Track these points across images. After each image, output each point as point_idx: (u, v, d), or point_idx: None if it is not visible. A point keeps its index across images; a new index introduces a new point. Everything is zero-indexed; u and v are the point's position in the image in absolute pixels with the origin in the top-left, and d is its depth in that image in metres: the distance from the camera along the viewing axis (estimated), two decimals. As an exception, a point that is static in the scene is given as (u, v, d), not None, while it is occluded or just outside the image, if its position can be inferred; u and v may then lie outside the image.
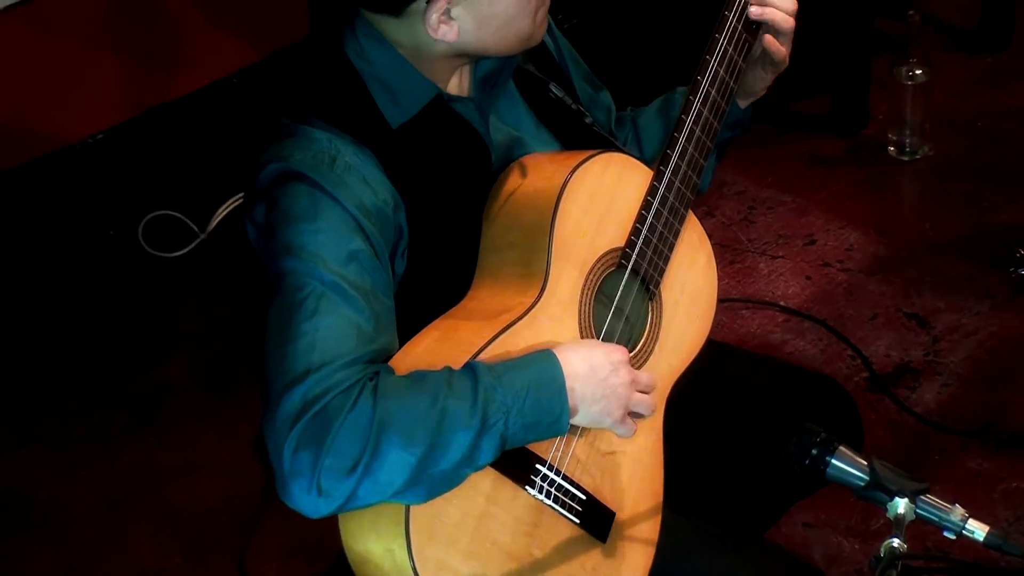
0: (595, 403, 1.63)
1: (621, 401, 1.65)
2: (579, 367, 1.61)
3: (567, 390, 1.60)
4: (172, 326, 3.17)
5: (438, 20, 1.63)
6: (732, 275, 3.09)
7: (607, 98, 2.00)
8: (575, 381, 1.61)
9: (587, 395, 1.62)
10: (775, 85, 1.92)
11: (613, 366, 1.64)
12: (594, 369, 1.62)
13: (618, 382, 1.64)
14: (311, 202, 1.60)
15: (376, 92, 1.67)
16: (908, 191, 3.28)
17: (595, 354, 1.64)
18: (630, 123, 2.00)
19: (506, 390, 1.56)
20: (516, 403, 1.56)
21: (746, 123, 1.95)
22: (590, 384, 1.62)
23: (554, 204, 1.66)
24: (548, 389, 1.59)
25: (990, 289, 2.95)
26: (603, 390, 1.63)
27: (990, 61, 3.55)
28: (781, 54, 1.82)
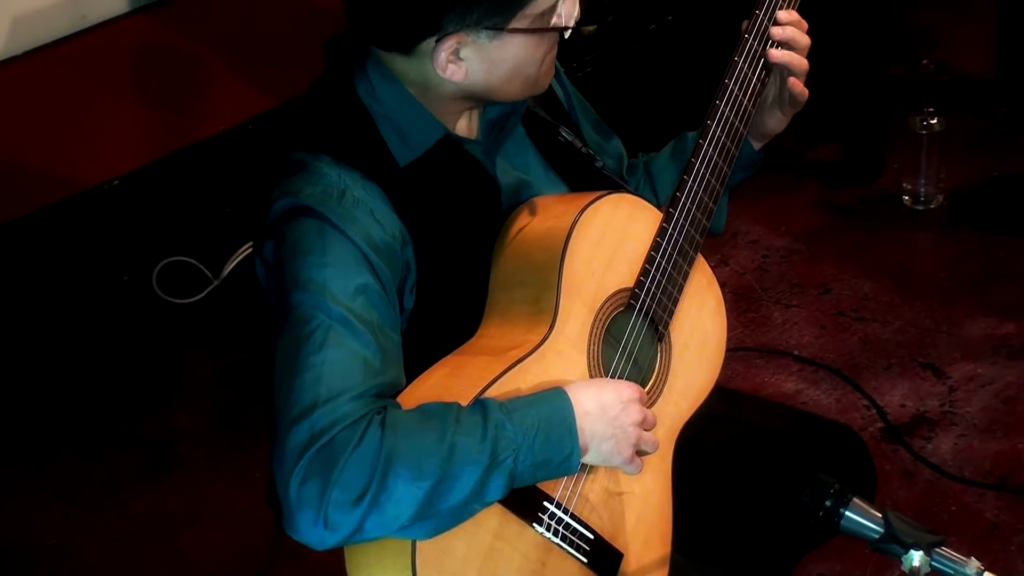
0: (605, 441, 1.62)
1: (630, 440, 1.64)
2: (590, 405, 1.61)
3: (577, 428, 1.59)
4: (184, 372, 3.17)
5: (447, 59, 1.64)
6: (746, 324, 3.09)
7: (618, 145, 2.01)
8: (585, 419, 1.60)
9: (597, 433, 1.61)
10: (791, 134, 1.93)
11: (623, 404, 1.63)
12: (604, 408, 1.62)
13: (628, 421, 1.63)
14: (319, 236, 1.60)
15: (385, 130, 1.68)
16: (923, 240, 3.27)
17: (605, 392, 1.63)
18: (642, 169, 2.00)
19: (516, 427, 1.55)
20: (526, 440, 1.55)
21: (758, 164, 1.95)
22: (600, 422, 1.61)
23: (564, 242, 1.66)
24: (559, 427, 1.58)
25: (1006, 339, 2.93)
26: (613, 429, 1.62)
27: (1005, 111, 3.55)
28: (805, 95, 1.83)
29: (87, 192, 3.16)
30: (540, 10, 1.64)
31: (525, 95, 1.73)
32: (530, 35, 1.64)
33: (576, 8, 1.69)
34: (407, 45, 1.64)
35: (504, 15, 1.61)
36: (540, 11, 1.64)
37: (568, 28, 1.70)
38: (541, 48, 1.68)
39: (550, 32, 1.67)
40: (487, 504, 1.55)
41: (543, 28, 1.66)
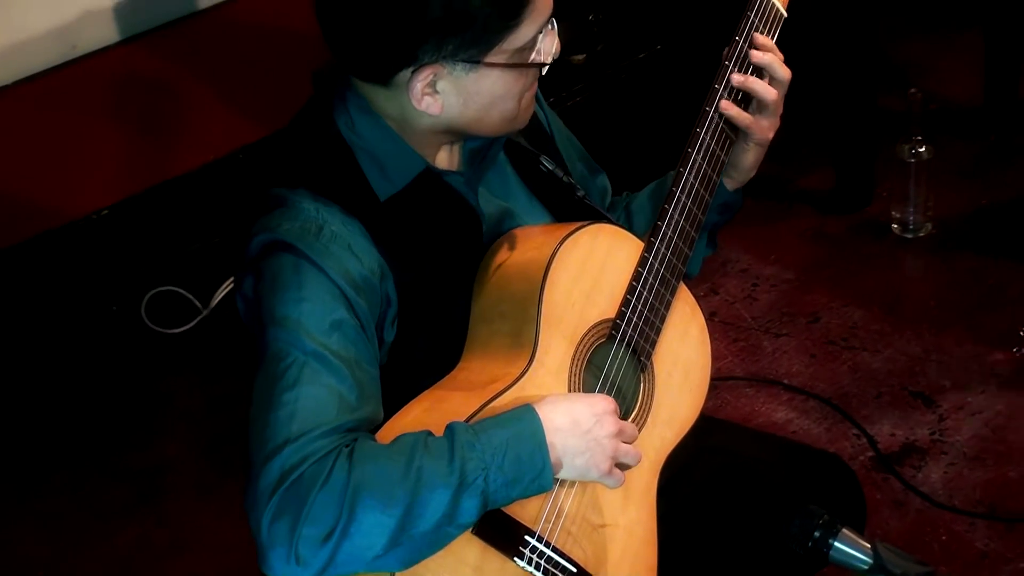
0: (578, 455, 1.61)
1: (607, 453, 1.62)
2: (559, 420, 1.59)
3: (548, 444, 1.58)
4: (173, 402, 3.16)
5: (422, 91, 1.63)
6: (736, 353, 3.08)
7: (604, 181, 2.00)
8: (555, 435, 1.59)
9: (569, 448, 1.60)
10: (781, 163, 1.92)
11: (597, 417, 1.62)
12: (576, 422, 1.60)
13: (602, 434, 1.62)
14: (296, 272, 1.60)
15: (365, 164, 1.68)
16: (912, 269, 3.28)
17: (577, 407, 1.62)
18: (623, 208, 2.00)
19: (484, 446, 1.54)
20: (495, 459, 1.54)
21: (736, 208, 1.94)
22: (572, 437, 1.60)
23: (543, 274, 1.66)
24: (528, 444, 1.57)
25: (995, 367, 2.93)
26: (586, 442, 1.61)
27: (993, 138, 3.56)
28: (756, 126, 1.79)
29: (76, 222, 3.15)
30: (518, 45, 1.63)
31: (504, 131, 1.73)
32: (508, 70, 1.64)
33: (556, 44, 1.69)
34: (384, 76, 1.64)
35: (480, 48, 1.61)
36: (518, 46, 1.64)
37: (546, 65, 1.69)
38: (519, 83, 1.67)
39: (528, 68, 1.67)
40: (463, 527, 1.54)
41: (521, 64, 1.65)
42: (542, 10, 1.64)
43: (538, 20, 1.64)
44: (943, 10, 3.99)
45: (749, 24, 1.80)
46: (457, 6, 1.57)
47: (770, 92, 1.79)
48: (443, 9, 1.57)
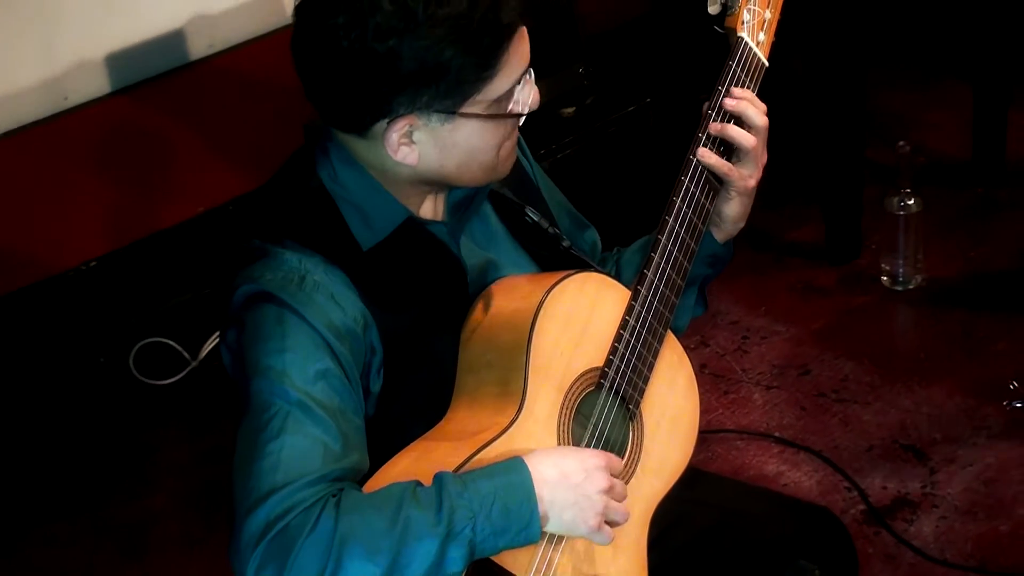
0: (566, 509, 1.59)
1: (596, 508, 1.61)
2: (549, 473, 1.58)
3: (536, 496, 1.57)
4: (160, 454, 3.14)
5: (398, 142, 1.63)
6: (727, 405, 3.07)
7: (593, 236, 2.00)
8: (544, 487, 1.57)
9: (557, 501, 1.59)
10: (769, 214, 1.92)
11: (587, 472, 1.61)
12: (565, 475, 1.59)
13: (592, 489, 1.61)
14: (279, 322, 1.60)
15: (348, 214, 1.68)
16: (902, 321, 3.28)
17: (567, 460, 1.61)
18: (613, 263, 1.99)
19: (472, 496, 1.53)
20: (483, 509, 1.53)
21: (725, 261, 1.93)
22: (560, 490, 1.59)
23: (531, 323, 1.65)
24: (516, 495, 1.56)
25: (986, 420, 2.92)
26: (575, 496, 1.60)
27: (982, 191, 3.58)
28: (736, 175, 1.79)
29: (64, 273, 3.14)
30: (495, 96, 1.63)
31: (484, 181, 1.73)
32: (484, 120, 1.64)
33: (534, 94, 1.69)
34: (360, 127, 1.64)
35: (455, 99, 1.61)
36: (495, 97, 1.63)
37: (523, 115, 1.69)
38: (497, 134, 1.67)
39: (505, 118, 1.66)
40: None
41: (497, 115, 1.65)
42: (518, 61, 1.64)
43: (514, 71, 1.64)
44: (931, 63, 4.02)
45: (730, 74, 1.81)
46: (430, 59, 1.57)
47: (748, 139, 1.79)
48: (416, 62, 1.57)
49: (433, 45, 1.57)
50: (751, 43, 1.84)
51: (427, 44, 1.56)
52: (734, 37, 1.84)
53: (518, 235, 1.84)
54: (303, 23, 1.62)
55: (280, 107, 3.29)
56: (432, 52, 1.57)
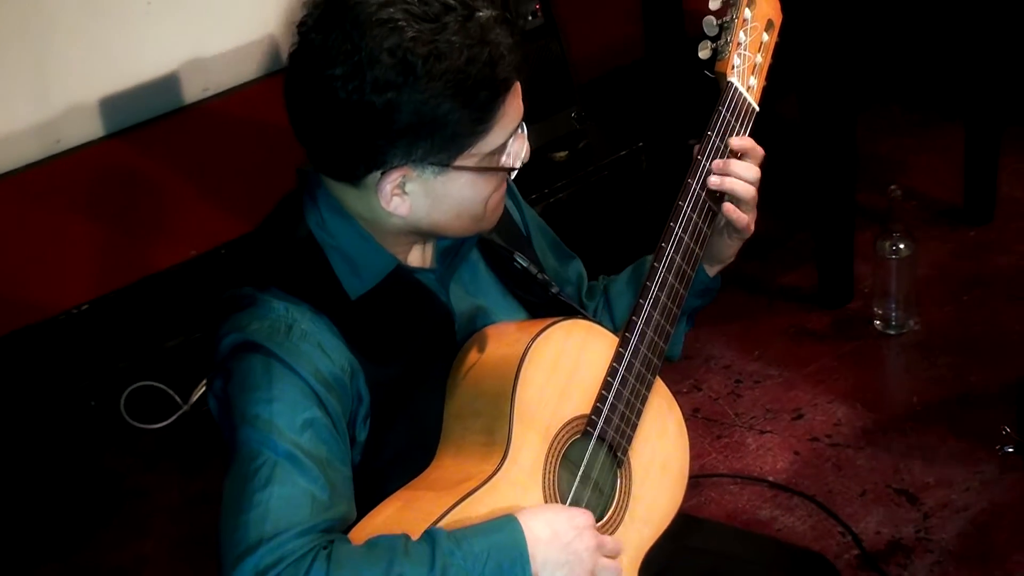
0: (558, 568, 1.59)
1: (586, 566, 1.61)
2: (541, 532, 1.58)
3: (529, 555, 1.56)
4: (152, 498, 3.12)
5: (391, 192, 1.64)
6: (720, 450, 3.07)
7: (578, 267, 2.01)
8: (537, 546, 1.57)
9: (550, 560, 1.58)
10: (762, 259, 1.93)
11: (577, 531, 1.61)
12: (557, 534, 1.59)
13: (582, 547, 1.61)
14: (266, 371, 1.59)
15: (336, 263, 1.68)
16: (895, 365, 3.28)
17: (559, 519, 1.61)
18: (601, 293, 2.01)
19: (465, 555, 1.53)
20: (476, 568, 1.53)
21: (715, 291, 1.95)
22: (553, 549, 1.59)
23: (516, 371, 1.65)
24: (509, 554, 1.55)
25: (979, 464, 2.92)
26: (566, 555, 1.59)
27: (973, 234, 3.58)
28: (743, 222, 1.83)
29: (56, 317, 3.14)
30: (488, 149, 1.64)
31: (472, 232, 1.73)
32: (477, 173, 1.65)
33: (525, 148, 1.70)
34: (352, 176, 1.64)
35: (450, 152, 1.62)
36: (488, 150, 1.64)
37: (515, 169, 1.70)
38: (488, 187, 1.68)
39: (497, 172, 1.67)
40: None
41: (489, 168, 1.66)
42: (512, 116, 1.65)
43: (508, 125, 1.65)
44: (922, 107, 4.03)
45: (720, 119, 1.82)
46: (427, 112, 1.58)
47: (749, 190, 1.81)
48: (413, 115, 1.58)
49: (431, 99, 1.57)
50: (741, 88, 1.85)
51: (425, 98, 1.57)
52: (724, 82, 1.85)
53: (507, 281, 1.84)
54: (298, 71, 1.62)
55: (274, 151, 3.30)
56: (429, 106, 1.57)
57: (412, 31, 1.55)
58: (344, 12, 1.57)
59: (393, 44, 1.55)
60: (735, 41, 1.85)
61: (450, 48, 1.56)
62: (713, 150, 1.81)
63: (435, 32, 1.56)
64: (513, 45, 1.61)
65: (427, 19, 1.56)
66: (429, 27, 1.56)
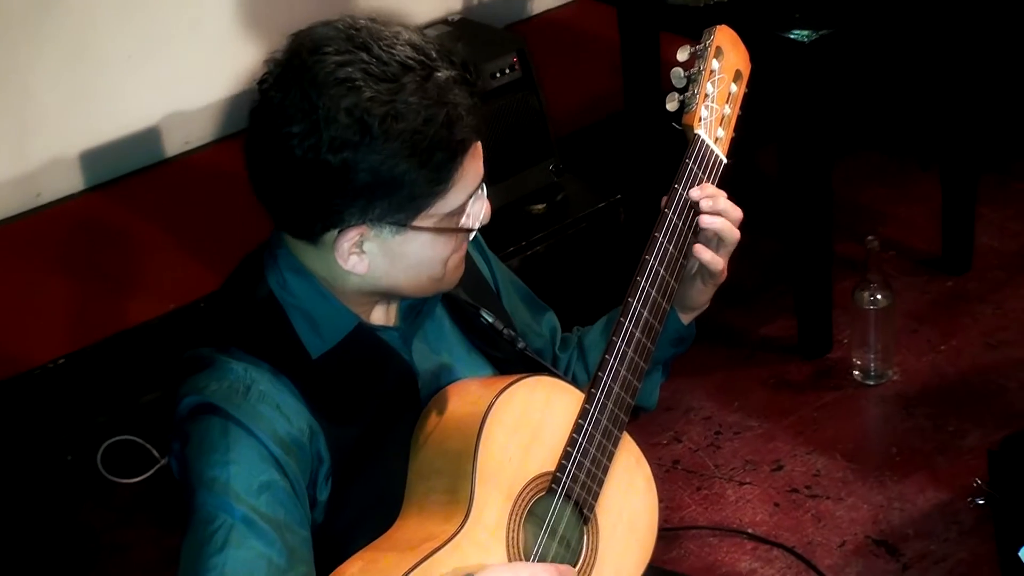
0: None
1: None
2: None
3: None
4: (130, 553, 3.10)
5: (349, 251, 1.64)
6: (699, 501, 3.06)
7: (551, 319, 2.01)
8: None
9: None
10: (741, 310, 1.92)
11: None
12: None
13: None
14: (223, 434, 1.59)
15: (297, 322, 1.67)
16: (874, 415, 3.28)
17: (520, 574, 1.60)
18: (575, 345, 2.00)
19: None
20: None
21: (689, 340, 1.94)
22: None
23: (478, 430, 1.65)
24: None
25: (958, 515, 2.91)
26: None
27: (951, 284, 3.59)
28: (718, 265, 1.82)
29: (31, 372, 3.13)
30: (447, 210, 1.64)
31: (431, 292, 1.73)
32: (435, 233, 1.65)
33: (486, 208, 1.70)
34: (310, 234, 1.65)
35: (407, 212, 1.62)
36: (447, 211, 1.64)
37: (474, 230, 1.70)
38: (447, 247, 1.68)
39: (456, 232, 1.67)
40: None
41: (448, 228, 1.66)
42: (472, 177, 1.65)
43: (467, 186, 1.65)
44: (900, 156, 4.06)
45: (687, 172, 1.81)
46: (385, 172, 1.58)
47: (734, 231, 1.81)
48: (370, 175, 1.58)
49: (387, 159, 1.57)
50: (708, 140, 1.84)
51: (381, 158, 1.57)
52: (691, 134, 1.83)
53: (473, 337, 1.84)
54: (257, 128, 1.63)
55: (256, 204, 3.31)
56: (386, 166, 1.57)
57: (370, 91, 1.56)
58: (303, 71, 1.57)
59: (350, 104, 1.55)
60: (702, 93, 1.83)
61: (407, 108, 1.56)
62: (681, 203, 1.80)
63: (393, 92, 1.56)
64: (472, 106, 1.61)
65: (385, 79, 1.56)
66: (387, 87, 1.56)
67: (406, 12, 3.76)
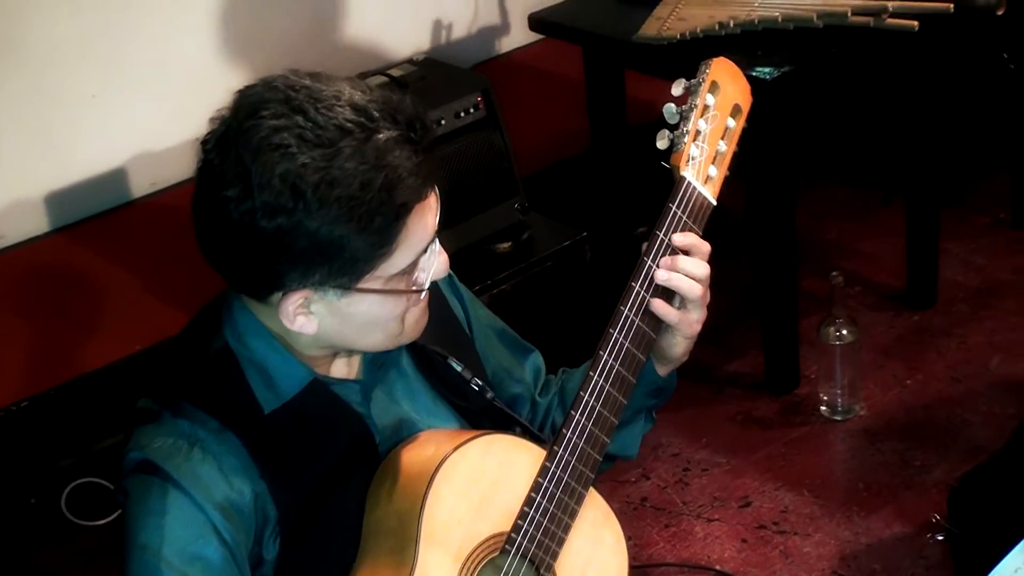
0: None
1: None
2: None
3: None
4: (94, 598, 3.07)
5: (295, 312, 1.60)
6: (667, 539, 3.05)
7: (536, 361, 1.96)
8: None
9: None
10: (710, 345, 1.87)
11: None
12: None
13: None
14: (161, 497, 1.57)
15: (251, 376, 1.64)
16: (841, 451, 3.28)
17: None
18: (556, 389, 1.96)
19: None
20: None
21: (668, 391, 1.89)
22: None
23: (424, 490, 1.61)
24: None
25: (924, 550, 2.91)
26: None
27: (917, 319, 3.61)
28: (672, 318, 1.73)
29: (-6, 415, 3.11)
30: (394, 271, 1.60)
31: (389, 347, 1.69)
32: (384, 294, 1.61)
33: (439, 263, 1.64)
34: (255, 295, 1.62)
35: (350, 276, 1.58)
36: (394, 271, 1.60)
37: (424, 289, 1.64)
38: (399, 305, 1.63)
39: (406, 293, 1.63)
40: None
41: (397, 290, 1.61)
42: (420, 236, 1.59)
43: (415, 247, 1.59)
44: (864, 190, 4.08)
45: (671, 216, 1.72)
46: (322, 238, 1.53)
47: (695, 289, 1.72)
48: (307, 240, 1.53)
49: (323, 225, 1.53)
50: (695, 182, 1.74)
51: (317, 224, 1.52)
52: (677, 175, 1.74)
53: (439, 387, 1.79)
54: (199, 189, 1.59)
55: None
56: (323, 232, 1.53)
57: (304, 157, 1.51)
58: (239, 134, 1.53)
59: (284, 170, 1.51)
60: (692, 131, 1.74)
61: (343, 174, 1.51)
62: (661, 250, 1.71)
63: (328, 158, 1.51)
64: (416, 166, 1.55)
65: (321, 144, 1.51)
66: (322, 152, 1.51)
67: (373, 51, 3.77)
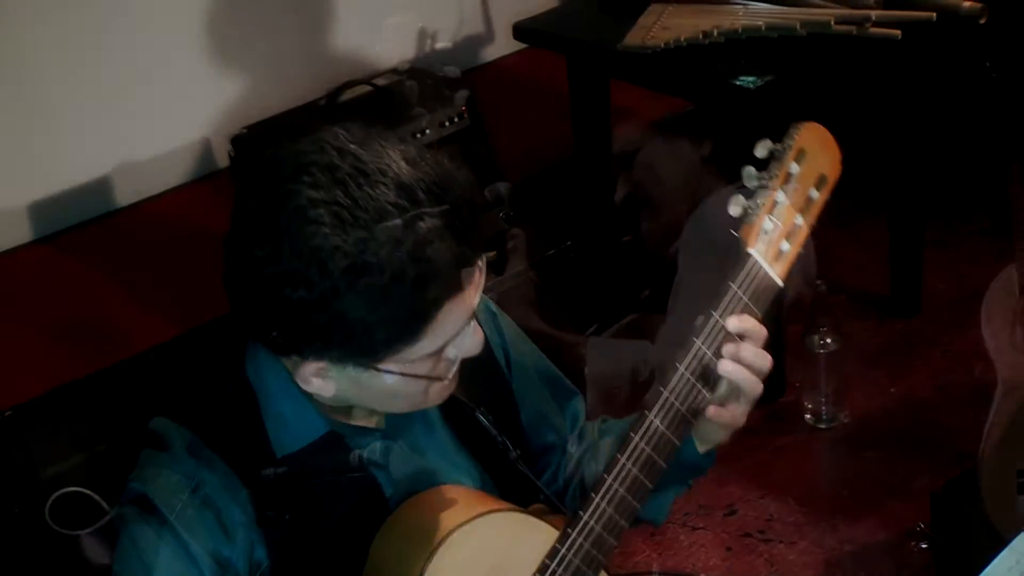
0: None
1: None
2: None
3: None
4: (78, 608, 3.06)
5: (311, 375, 1.53)
6: (653, 547, 3.06)
7: (576, 407, 1.86)
8: None
9: None
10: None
11: None
12: None
13: None
14: (155, 538, 1.55)
15: (267, 417, 1.59)
16: (826, 459, 3.29)
17: None
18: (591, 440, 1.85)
19: None
20: None
21: (705, 468, 1.77)
22: None
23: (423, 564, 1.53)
24: None
25: (908, 558, 2.92)
26: None
27: (901, 327, 3.62)
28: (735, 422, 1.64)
29: (-23, 424, 3.10)
30: (420, 355, 1.50)
31: (414, 410, 1.61)
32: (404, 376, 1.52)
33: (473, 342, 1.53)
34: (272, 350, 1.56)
35: (370, 358, 1.49)
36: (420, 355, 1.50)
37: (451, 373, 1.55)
38: (423, 382, 1.53)
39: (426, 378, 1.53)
40: None
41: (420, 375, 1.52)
42: (452, 325, 1.48)
43: (445, 334, 1.49)
44: (848, 199, 4.09)
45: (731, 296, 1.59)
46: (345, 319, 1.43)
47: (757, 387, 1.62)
48: (328, 318, 1.44)
49: (349, 310, 1.43)
50: (762, 261, 1.59)
51: (340, 309, 1.43)
52: (744, 250, 1.58)
53: (464, 439, 1.71)
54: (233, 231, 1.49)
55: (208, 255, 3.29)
56: (346, 315, 1.44)
57: (338, 239, 1.41)
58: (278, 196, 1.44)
59: (316, 246, 1.41)
60: (769, 203, 1.58)
61: (376, 262, 1.41)
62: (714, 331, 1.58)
63: (362, 243, 1.41)
64: (455, 258, 1.43)
65: (357, 226, 1.41)
66: (356, 236, 1.41)
67: (359, 60, 3.78)
